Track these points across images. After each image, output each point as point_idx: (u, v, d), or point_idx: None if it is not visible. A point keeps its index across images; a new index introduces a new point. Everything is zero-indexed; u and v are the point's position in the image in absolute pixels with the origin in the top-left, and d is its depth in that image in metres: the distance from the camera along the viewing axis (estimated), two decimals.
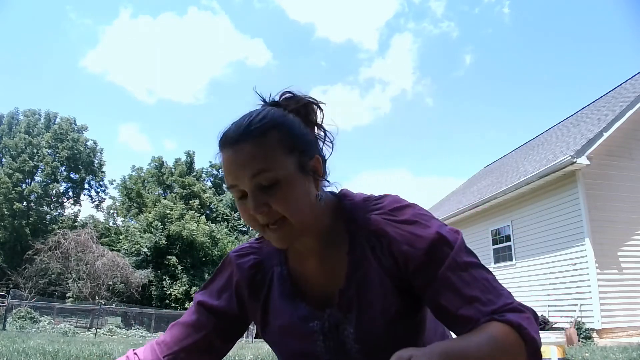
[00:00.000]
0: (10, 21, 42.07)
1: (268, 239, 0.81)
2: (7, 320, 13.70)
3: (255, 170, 0.76)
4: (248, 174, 0.76)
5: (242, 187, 0.78)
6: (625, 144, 9.35)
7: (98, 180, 34.77)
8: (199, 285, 23.63)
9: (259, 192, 0.76)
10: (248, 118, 0.80)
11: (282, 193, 0.76)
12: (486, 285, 0.75)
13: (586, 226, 8.60)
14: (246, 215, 0.80)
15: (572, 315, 8.55)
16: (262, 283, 0.92)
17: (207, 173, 34.96)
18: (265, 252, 0.94)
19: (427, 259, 0.77)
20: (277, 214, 0.77)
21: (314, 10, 58.90)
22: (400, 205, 0.84)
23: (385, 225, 0.82)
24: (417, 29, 56.40)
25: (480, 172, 18.20)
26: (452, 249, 0.78)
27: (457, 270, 0.76)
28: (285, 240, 0.80)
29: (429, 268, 0.77)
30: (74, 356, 5.13)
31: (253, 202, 0.76)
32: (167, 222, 24.73)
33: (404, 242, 0.79)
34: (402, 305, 0.82)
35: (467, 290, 0.75)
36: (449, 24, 55.55)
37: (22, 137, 30.33)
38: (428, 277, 0.77)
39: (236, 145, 0.77)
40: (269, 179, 0.76)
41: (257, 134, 0.77)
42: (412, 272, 0.79)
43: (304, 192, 0.79)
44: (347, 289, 0.84)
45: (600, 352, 5.80)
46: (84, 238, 21.07)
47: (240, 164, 0.77)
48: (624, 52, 50.04)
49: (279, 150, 0.78)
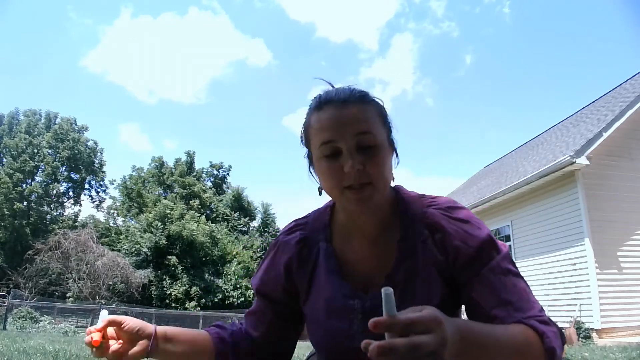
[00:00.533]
0: (10, 21, 42.07)
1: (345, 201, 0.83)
2: (8, 320, 13.70)
3: (360, 130, 0.80)
4: (353, 131, 0.80)
5: (340, 143, 0.80)
6: (625, 144, 9.35)
7: (98, 180, 34.75)
8: (199, 285, 23.77)
9: (356, 152, 0.80)
10: (348, 88, 0.85)
11: (378, 158, 0.81)
12: (522, 295, 0.80)
13: (586, 226, 8.60)
14: (332, 173, 0.81)
15: (572, 315, 8.55)
16: (308, 257, 0.95)
17: (207, 173, 34.93)
18: (310, 227, 0.97)
19: (475, 256, 0.82)
20: (367, 177, 0.80)
21: (315, 10, 58.89)
22: (455, 206, 0.90)
23: (441, 219, 0.86)
24: (417, 29, 56.37)
25: (480, 172, 18.20)
26: (499, 254, 0.83)
27: (499, 273, 0.81)
28: (366, 203, 0.82)
29: (474, 265, 0.82)
30: (75, 356, 5.14)
31: (352, 159, 0.79)
32: (167, 222, 24.72)
33: (458, 237, 0.84)
34: (444, 298, 0.85)
35: (504, 293, 0.79)
36: (450, 24, 55.53)
37: (23, 137, 30.33)
38: (471, 273, 0.82)
39: (343, 105, 0.82)
40: (370, 141, 0.81)
41: (363, 101, 0.84)
42: (459, 267, 0.83)
43: (390, 165, 0.85)
44: (395, 275, 0.86)
45: (600, 352, 5.80)
46: (84, 238, 21.06)
47: (346, 122, 0.80)
48: (624, 52, 50.00)
49: (378, 120, 0.84)
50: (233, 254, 25.52)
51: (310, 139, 0.87)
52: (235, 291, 23.61)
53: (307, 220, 0.99)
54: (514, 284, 0.80)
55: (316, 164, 0.86)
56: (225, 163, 35.23)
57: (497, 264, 0.81)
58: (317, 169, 0.86)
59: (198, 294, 23.13)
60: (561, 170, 8.95)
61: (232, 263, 24.81)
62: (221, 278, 24.22)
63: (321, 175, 0.85)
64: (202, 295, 23.25)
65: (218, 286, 23.75)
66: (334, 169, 0.81)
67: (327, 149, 0.81)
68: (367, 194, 0.80)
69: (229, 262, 25.02)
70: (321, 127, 0.82)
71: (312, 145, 0.86)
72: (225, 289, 23.69)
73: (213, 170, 34.94)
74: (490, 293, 0.79)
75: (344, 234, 0.93)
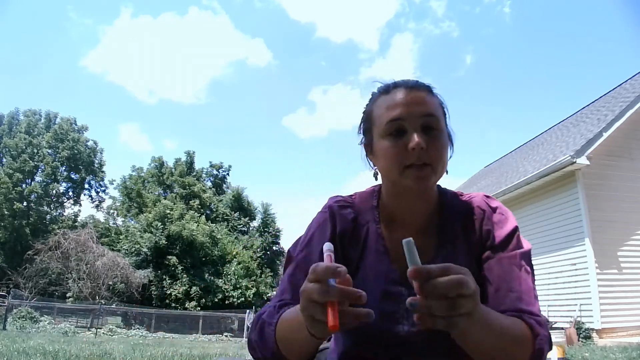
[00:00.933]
0: (10, 21, 42.08)
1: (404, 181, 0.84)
2: (8, 320, 13.71)
3: (427, 112, 0.85)
4: (420, 112, 0.84)
5: (407, 122, 0.84)
6: (625, 144, 9.35)
7: (98, 180, 34.75)
8: (199, 285, 23.75)
9: (422, 133, 0.83)
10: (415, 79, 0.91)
11: (440, 142, 0.85)
12: (529, 291, 0.83)
13: (586, 226, 8.60)
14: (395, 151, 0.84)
15: (572, 315, 8.55)
16: (359, 237, 0.94)
17: (207, 173, 34.90)
18: (358, 208, 0.97)
19: (500, 242, 0.87)
20: (428, 158, 0.83)
21: (315, 10, 58.93)
22: (491, 198, 0.96)
23: (478, 207, 0.92)
24: (417, 29, 56.45)
25: (480, 172, 18.20)
26: (521, 249, 0.87)
27: (514, 265, 0.84)
28: (425, 182, 0.84)
29: (497, 249, 0.87)
30: (74, 356, 5.14)
31: (418, 137, 0.82)
32: (167, 222, 24.71)
33: (491, 223, 0.90)
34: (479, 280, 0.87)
35: (513, 282, 0.82)
36: (450, 24, 55.57)
37: (23, 137, 30.32)
38: (491, 254, 0.87)
39: (414, 88, 0.88)
40: (434, 124, 0.85)
41: (429, 90, 0.89)
42: (485, 249, 0.88)
43: (447, 149, 0.89)
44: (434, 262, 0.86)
45: (600, 352, 5.80)
46: (84, 238, 21.07)
47: (414, 102, 0.85)
48: (624, 52, 50.04)
49: (441, 110, 0.90)
50: (233, 254, 25.51)
51: (372, 122, 0.91)
52: (235, 291, 23.61)
53: (353, 200, 0.99)
54: (525, 280, 0.83)
55: (379, 143, 0.88)
56: (225, 163, 35.25)
57: (515, 255, 0.85)
58: (379, 148, 0.88)
59: (198, 294, 23.13)
60: (561, 170, 8.95)
61: (232, 263, 24.81)
62: (221, 278, 24.22)
63: (382, 154, 0.86)
64: (202, 295, 23.25)
65: (218, 286, 23.74)
66: (397, 147, 0.83)
67: (393, 125, 0.84)
68: (426, 174, 0.83)
69: (229, 262, 25.01)
70: (389, 106, 0.86)
71: (376, 127, 0.89)
72: (225, 289, 23.69)
73: (213, 170, 34.93)
74: (501, 278, 0.83)
75: (389, 221, 0.95)
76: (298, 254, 0.94)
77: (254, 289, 23.99)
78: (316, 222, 0.97)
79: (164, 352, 6.31)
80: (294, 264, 0.92)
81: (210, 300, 23.13)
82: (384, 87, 0.91)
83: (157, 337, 15.15)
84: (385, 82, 0.94)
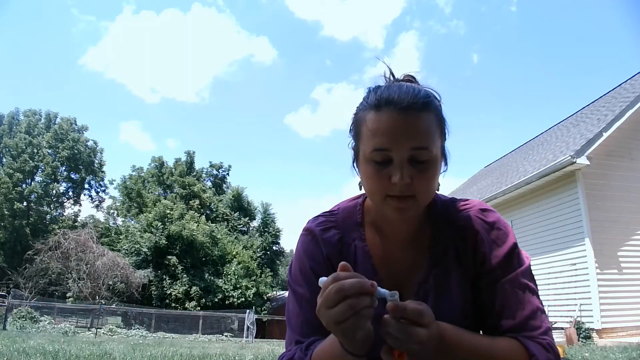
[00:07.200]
0: (11, 20, 42.08)
1: (384, 208, 0.80)
2: (8, 320, 13.70)
3: (418, 145, 0.76)
4: (409, 145, 0.76)
5: (393, 153, 0.77)
6: (625, 144, 9.35)
7: (98, 180, 34.78)
8: (199, 285, 23.73)
9: (409, 165, 0.77)
10: (412, 90, 0.79)
11: (427, 173, 0.78)
12: (533, 313, 0.81)
13: (586, 226, 8.60)
14: (378, 181, 0.78)
15: (572, 315, 8.55)
16: (347, 257, 0.90)
17: (207, 173, 34.94)
18: (342, 226, 0.93)
19: (499, 265, 0.84)
20: (412, 191, 0.77)
21: (320, 8, 58.85)
22: (487, 208, 0.90)
23: (474, 224, 0.87)
24: (423, 27, 56.43)
25: (480, 172, 18.21)
26: (521, 267, 0.84)
27: (516, 287, 0.82)
28: (405, 213, 0.80)
29: (496, 273, 0.84)
30: (74, 356, 5.14)
31: (402, 172, 0.76)
32: (167, 222, 24.71)
33: (488, 244, 0.85)
34: (470, 301, 0.86)
35: (515, 307, 0.81)
36: (456, 22, 55.52)
37: (23, 137, 30.34)
38: (491, 280, 0.83)
39: (405, 112, 0.77)
40: (425, 157, 0.77)
41: (426, 109, 0.78)
42: (482, 273, 0.85)
43: (437, 176, 0.82)
44: (426, 281, 0.87)
45: (600, 352, 5.80)
46: (84, 238, 21.07)
47: (406, 133, 0.76)
48: (624, 52, 50.06)
49: (437, 131, 0.80)
50: (233, 254, 25.52)
51: (361, 136, 0.83)
52: (235, 291, 23.60)
53: (336, 217, 0.94)
54: (528, 300, 0.82)
55: (363, 164, 0.82)
56: (225, 163, 35.32)
57: (516, 276, 0.83)
58: (363, 170, 0.83)
59: (198, 294, 23.12)
60: (561, 170, 8.95)
61: (232, 263, 24.81)
62: (221, 278, 24.22)
63: (366, 177, 0.82)
64: (202, 295, 23.24)
65: (218, 286, 23.74)
66: (380, 176, 0.78)
67: (379, 155, 0.78)
68: (409, 205, 0.79)
69: (229, 262, 25.01)
70: (376, 131, 0.78)
71: (363, 144, 0.82)
72: (225, 289, 23.69)
73: (213, 170, 34.96)
74: (502, 303, 0.82)
75: (375, 234, 0.91)
76: (298, 288, 0.90)
77: (254, 289, 23.99)
78: (303, 251, 0.93)
79: (164, 352, 6.30)
80: (300, 301, 0.89)
81: (210, 300, 23.13)
82: (376, 97, 0.80)
83: (157, 337, 15.15)
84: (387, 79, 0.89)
